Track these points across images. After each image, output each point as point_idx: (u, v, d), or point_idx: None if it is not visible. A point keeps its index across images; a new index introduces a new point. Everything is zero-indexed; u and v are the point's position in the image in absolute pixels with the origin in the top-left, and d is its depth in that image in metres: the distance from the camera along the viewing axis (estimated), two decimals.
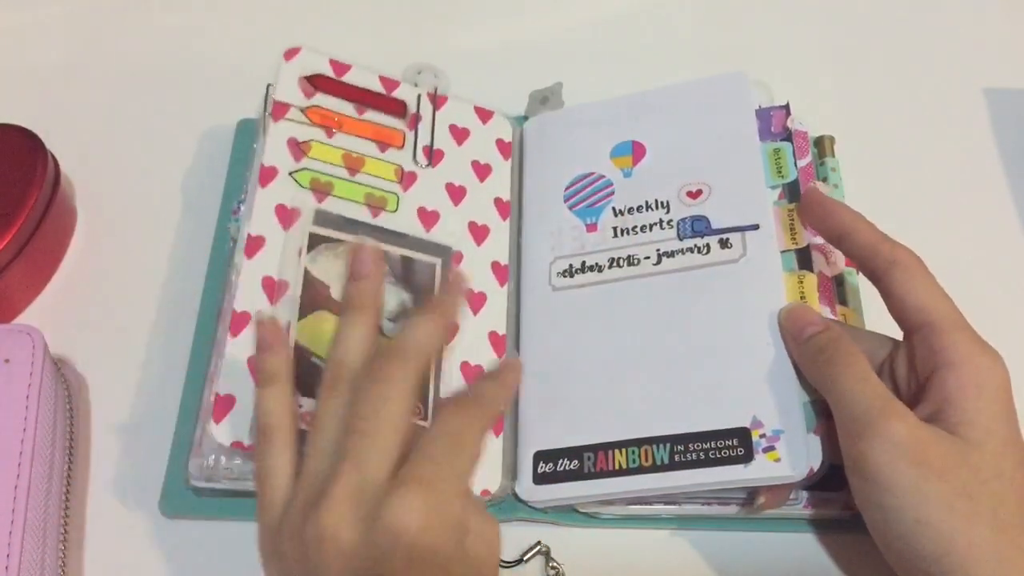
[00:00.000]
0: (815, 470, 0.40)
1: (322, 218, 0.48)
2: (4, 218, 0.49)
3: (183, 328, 0.50)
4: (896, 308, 0.41)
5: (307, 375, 0.43)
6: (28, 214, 0.49)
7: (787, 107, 0.50)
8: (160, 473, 0.45)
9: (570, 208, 0.51)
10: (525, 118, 0.56)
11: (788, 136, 0.49)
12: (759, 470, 0.40)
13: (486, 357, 0.47)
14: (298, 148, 0.49)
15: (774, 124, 0.50)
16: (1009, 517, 0.36)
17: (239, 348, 0.44)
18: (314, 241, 0.47)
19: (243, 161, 0.53)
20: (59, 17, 0.62)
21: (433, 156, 0.52)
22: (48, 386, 0.44)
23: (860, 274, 0.48)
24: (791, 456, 0.40)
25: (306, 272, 0.46)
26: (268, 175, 0.48)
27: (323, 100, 0.51)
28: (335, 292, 0.46)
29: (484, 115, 0.54)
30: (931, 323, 0.39)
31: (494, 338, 0.48)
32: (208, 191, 0.54)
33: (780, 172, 0.48)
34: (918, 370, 0.40)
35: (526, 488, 0.43)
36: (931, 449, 0.36)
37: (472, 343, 0.47)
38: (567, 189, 0.51)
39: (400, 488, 0.34)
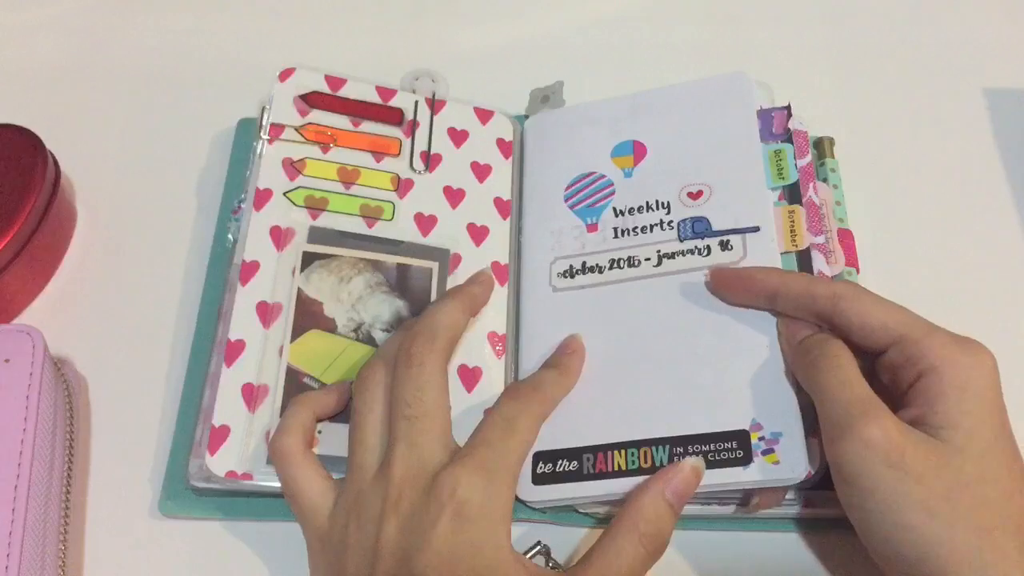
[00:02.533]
0: (813, 473, 0.40)
1: (316, 235, 0.48)
2: (4, 218, 0.49)
3: (183, 328, 0.50)
4: (861, 335, 0.40)
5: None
6: (28, 214, 0.49)
7: (788, 108, 0.50)
8: (160, 473, 0.45)
9: (571, 208, 0.51)
10: (526, 117, 0.55)
11: (789, 137, 0.49)
12: (758, 472, 0.40)
13: (485, 358, 0.47)
14: (292, 167, 0.49)
15: (775, 125, 0.50)
16: (993, 519, 0.36)
17: (233, 377, 0.44)
18: (307, 259, 0.47)
19: (243, 161, 0.53)
20: (59, 17, 0.62)
21: (431, 161, 0.52)
22: (48, 386, 0.44)
23: (860, 273, 0.49)
24: (790, 459, 0.40)
25: (299, 291, 0.46)
26: (263, 198, 0.48)
27: (319, 117, 0.51)
28: (327, 309, 0.46)
29: (484, 115, 0.54)
30: (901, 336, 0.39)
31: (493, 338, 0.48)
32: (208, 191, 0.54)
33: (781, 174, 0.48)
34: (900, 381, 0.39)
35: (525, 488, 0.43)
36: (909, 452, 0.36)
37: (471, 343, 0.47)
38: (568, 188, 0.51)
39: (457, 464, 0.38)
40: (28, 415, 0.42)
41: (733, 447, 0.41)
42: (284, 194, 0.49)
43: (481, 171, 0.52)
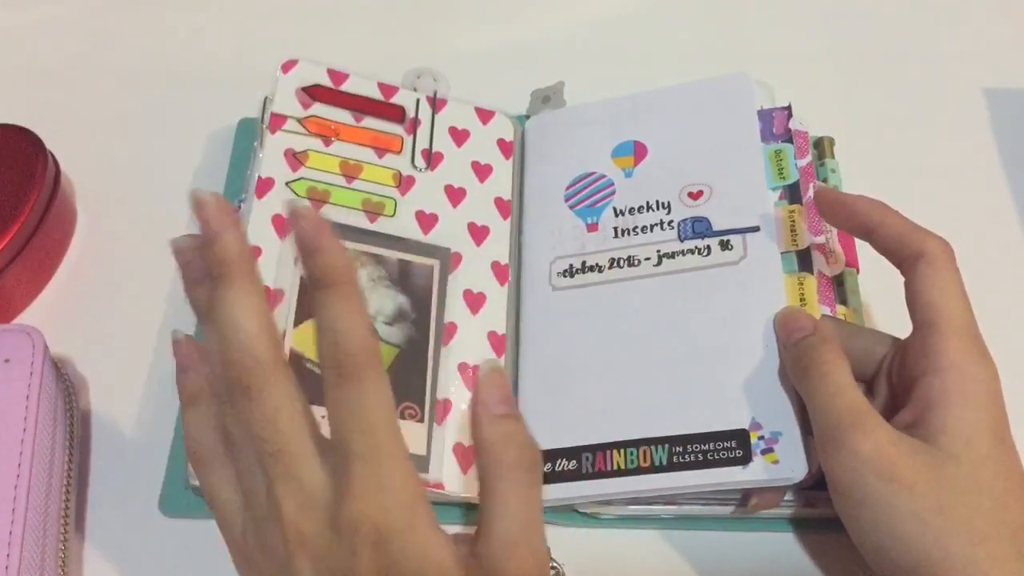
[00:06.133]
0: (812, 473, 0.40)
1: None
2: (4, 218, 0.49)
3: (183, 328, 0.49)
4: (910, 302, 0.39)
5: (304, 382, 0.43)
6: (28, 214, 0.49)
7: (789, 108, 0.50)
8: (160, 473, 0.45)
9: (571, 208, 0.51)
10: (527, 117, 0.56)
11: (789, 137, 0.49)
12: (758, 472, 0.40)
13: (485, 357, 0.47)
14: (295, 159, 0.49)
15: (776, 125, 0.50)
16: (987, 528, 0.35)
17: None
18: None
19: (243, 161, 0.53)
20: (59, 17, 0.62)
21: (432, 159, 0.52)
22: (48, 386, 0.44)
23: (860, 273, 0.49)
24: (789, 458, 0.40)
25: (301, 280, 0.46)
26: (264, 186, 0.48)
27: (321, 110, 0.51)
28: None
29: (485, 116, 0.54)
30: (933, 323, 0.38)
31: (494, 338, 0.48)
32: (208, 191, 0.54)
33: (781, 174, 0.48)
34: (908, 370, 0.39)
35: None
36: (901, 463, 0.36)
37: (472, 343, 0.47)
38: (568, 188, 0.51)
39: (345, 478, 0.31)
40: (28, 415, 0.42)
41: (732, 446, 0.41)
42: (286, 184, 0.49)
43: (482, 171, 0.52)
